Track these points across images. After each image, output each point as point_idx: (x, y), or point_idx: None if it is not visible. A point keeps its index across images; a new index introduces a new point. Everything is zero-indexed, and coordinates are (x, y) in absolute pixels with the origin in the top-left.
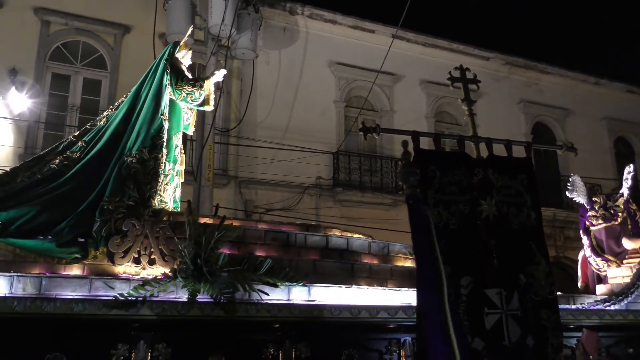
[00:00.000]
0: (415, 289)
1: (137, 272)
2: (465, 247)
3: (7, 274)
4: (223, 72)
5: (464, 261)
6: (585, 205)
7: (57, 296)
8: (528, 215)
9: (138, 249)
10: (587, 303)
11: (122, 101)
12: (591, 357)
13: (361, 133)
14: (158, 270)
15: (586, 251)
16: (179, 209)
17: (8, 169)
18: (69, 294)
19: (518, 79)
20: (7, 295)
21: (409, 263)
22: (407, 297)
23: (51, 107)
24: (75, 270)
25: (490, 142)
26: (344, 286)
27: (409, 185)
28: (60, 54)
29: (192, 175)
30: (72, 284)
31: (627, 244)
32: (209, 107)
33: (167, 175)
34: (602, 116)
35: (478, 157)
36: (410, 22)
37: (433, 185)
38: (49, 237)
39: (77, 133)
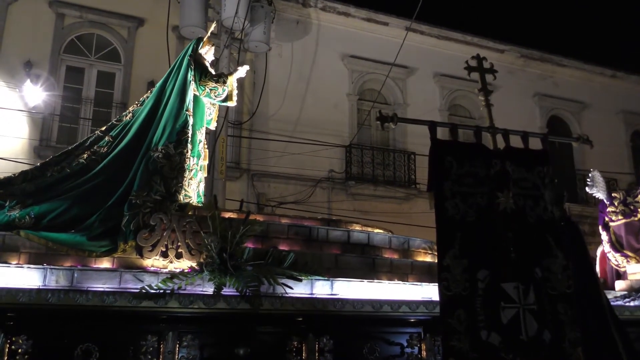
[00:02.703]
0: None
1: (165, 266)
2: (482, 240)
3: (40, 266)
4: (246, 67)
5: (481, 254)
6: (605, 200)
7: (89, 288)
8: (545, 208)
9: (165, 242)
10: None
11: (147, 97)
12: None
13: (376, 123)
14: (185, 263)
15: (605, 247)
16: (202, 203)
17: (24, 161)
18: (99, 286)
19: (533, 72)
20: (41, 287)
21: (429, 258)
22: (427, 291)
23: (66, 100)
24: (105, 263)
25: (507, 133)
26: (365, 280)
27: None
28: (75, 47)
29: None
30: (103, 276)
31: None
32: (232, 103)
33: (192, 170)
34: (619, 109)
35: (495, 149)
36: (424, 15)
37: (450, 177)
38: (80, 230)
39: (104, 128)
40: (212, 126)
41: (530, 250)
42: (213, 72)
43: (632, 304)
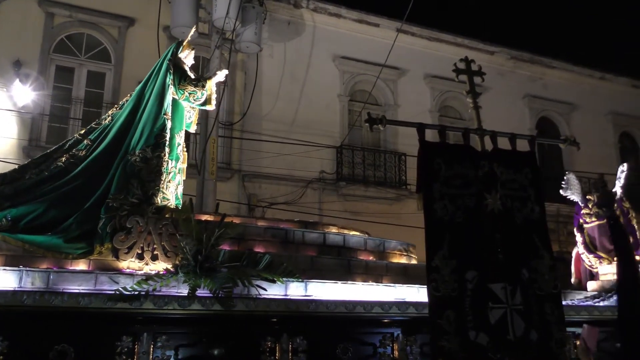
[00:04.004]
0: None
1: (141, 268)
2: (470, 241)
3: (16, 268)
4: (225, 72)
5: (470, 255)
6: (580, 203)
7: (64, 290)
8: (532, 209)
9: (142, 245)
10: (577, 299)
11: (127, 100)
12: (592, 351)
13: (366, 125)
14: (160, 265)
15: (579, 248)
16: (181, 206)
17: (12, 161)
18: (75, 288)
19: (523, 74)
20: (16, 289)
21: (404, 260)
22: (401, 293)
23: (55, 100)
24: (82, 265)
25: (495, 135)
26: (339, 282)
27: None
28: (65, 47)
29: (195, 168)
30: (79, 278)
31: None
32: (211, 107)
33: (170, 172)
34: (607, 111)
35: (483, 150)
36: (415, 16)
37: (438, 179)
38: (57, 233)
39: (82, 131)
40: (192, 129)
41: (518, 251)
42: (192, 76)
43: (601, 304)
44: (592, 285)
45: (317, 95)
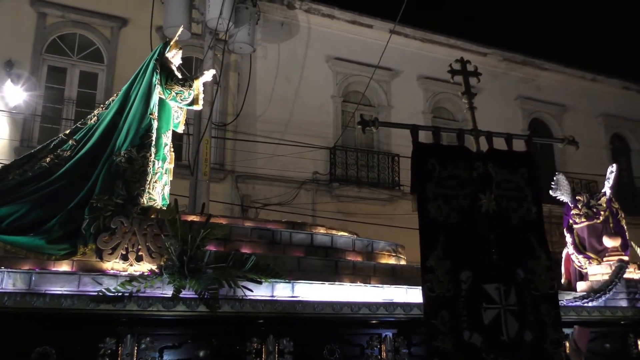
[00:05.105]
0: None
1: (125, 269)
2: (465, 241)
3: None
4: (212, 72)
5: (464, 256)
6: (569, 203)
7: (47, 291)
8: (528, 209)
9: (126, 245)
10: (566, 300)
11: (113, 100)
12: (583, 352)
13: (359, 127)
14: (145, 266)
15: (569, 249)
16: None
17: (4, 161)
18: (58, 289)
19: (515, 75)
20: None
21: (393, 260)
22: (388, 293)
23: (47, 100)
24: (64, 266)
25: (491, 135)
26: (326, 283)
27: None
28: (57, 47)
29: (188, 169)
30: (61, 279)
31: (608, 242)
32: (198, 107)
33: (156, 173)
34: (599, 112)
35: (478, 151)
36: (408, 18)
37: (432, 179)
38: (39, 234)
39: (68, 131)
40: (180, 129)
41: (513, 252)
42: (179, 75)
43: (589, 304)
44: (581, 286)
45: (310, 96)
